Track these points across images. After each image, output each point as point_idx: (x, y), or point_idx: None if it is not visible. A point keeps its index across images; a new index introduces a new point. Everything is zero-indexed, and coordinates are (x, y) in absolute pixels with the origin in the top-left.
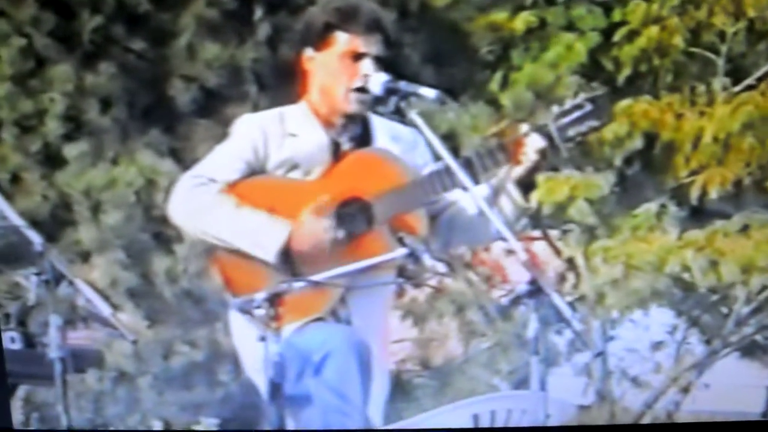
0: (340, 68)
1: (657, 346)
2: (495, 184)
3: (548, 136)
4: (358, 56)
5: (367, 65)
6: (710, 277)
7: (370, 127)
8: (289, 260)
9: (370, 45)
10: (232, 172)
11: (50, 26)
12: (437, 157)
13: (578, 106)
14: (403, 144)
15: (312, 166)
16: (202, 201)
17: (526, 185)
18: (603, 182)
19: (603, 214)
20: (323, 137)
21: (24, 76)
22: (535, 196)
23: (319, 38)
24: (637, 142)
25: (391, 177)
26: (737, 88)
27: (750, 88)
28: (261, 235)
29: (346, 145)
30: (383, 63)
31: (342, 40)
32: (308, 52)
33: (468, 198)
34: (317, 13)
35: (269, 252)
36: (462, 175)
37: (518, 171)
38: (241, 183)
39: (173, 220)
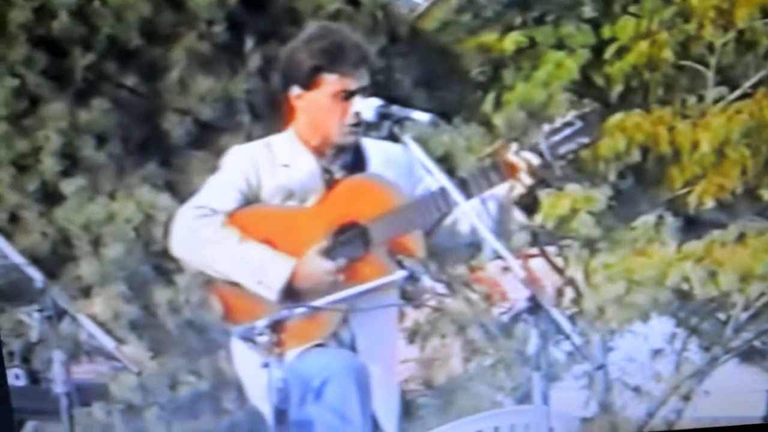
0: (332, 107)
1: (657, 354)
2: (497, 207)
3: (540, 154)
4: (349, 94)
5: (358, 102)
6: (710, 287)
7: (362, 153)
8: (290, 294)
9: (359, 81)
10: (228, 202)
11: (43, 65)
12: (432, 179)
13: (568, 124)
14: (396, 167)
15: (307, 194)
16: (204, 235)
17: (528, 204)
18: (601, 196)
19: (602, 227)
20: (315, 165)
21: (18, 116)
22: (539, 215)
23: (307, 79)
24: (635, 156)
25: (386, 201)
26: (732, 96)
27: (744, 96)
28: (264, 272)
29: (338, 173)
30: (374, 88)
31: (331, 80)
32: (295, 90)
33: (463, 214)
34: (303, 56)
35: (272, 291)
36: (457, 196)
37: (516, 191)
38: (240, 213)
39: (175, 253)
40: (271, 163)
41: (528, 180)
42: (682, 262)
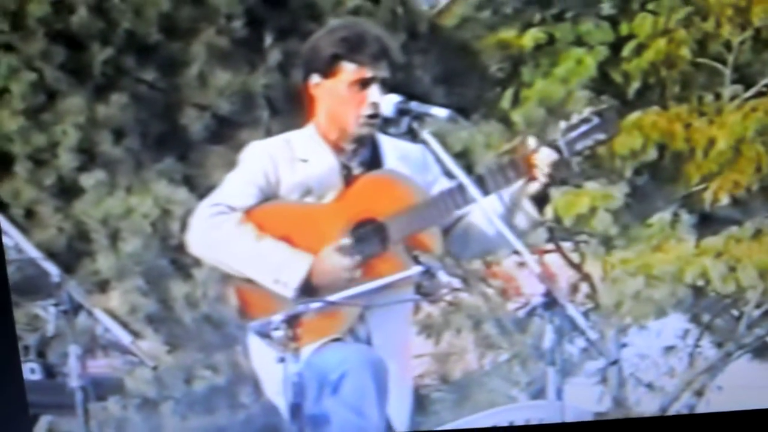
0: (349, 96)
1: (669, 350)
2: (509, 200)
3: (557, 151)
4: (365, 83)
5: (374, 91)
6: (729, 283)
7: (378, 149)
8: (307, 291)
9: (377, 71)
10: (246, 198)
11: (61, 59)
12: (449, 175)
13: (585, 120)
14: (412, 163)
15: (325, 191)
16: (222, 232)
17: (540, 199)
18: (618, 194)
19: (619, 224)
20: (334, 162)
21: (36, 110)
22: (550, 210)
23: (326, 67)
24: (651, 154)
25: (403, 197)
26: (747, 94)
27: (760, 95)
28: (280, 271)
29: (356, 170)
30: (393, 84)
31: (349, 69)
32: (315, 79)
33: (480, 211)
34: (324, 44)
35: (288, 289)
36: (475, 192)
37: (532, 186)
38: (258, 209)
39: (192, 251)
40: (289, 158)
41: (545, 178)
42: (700, 258)
